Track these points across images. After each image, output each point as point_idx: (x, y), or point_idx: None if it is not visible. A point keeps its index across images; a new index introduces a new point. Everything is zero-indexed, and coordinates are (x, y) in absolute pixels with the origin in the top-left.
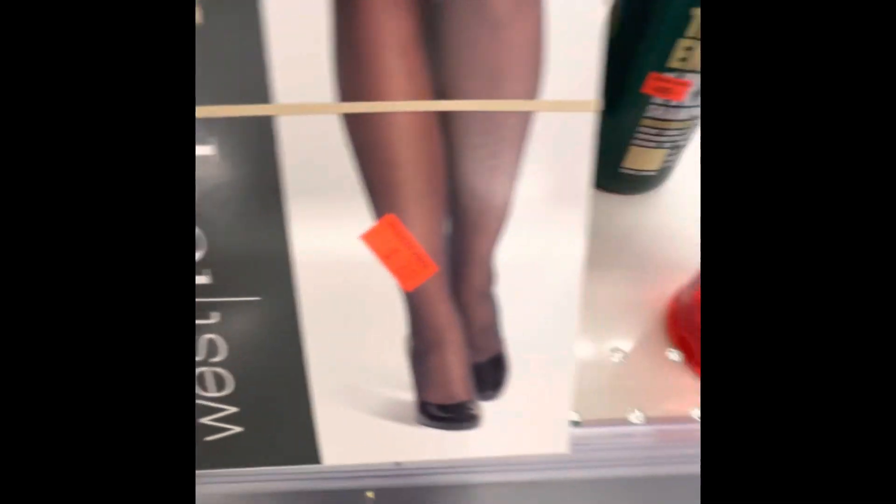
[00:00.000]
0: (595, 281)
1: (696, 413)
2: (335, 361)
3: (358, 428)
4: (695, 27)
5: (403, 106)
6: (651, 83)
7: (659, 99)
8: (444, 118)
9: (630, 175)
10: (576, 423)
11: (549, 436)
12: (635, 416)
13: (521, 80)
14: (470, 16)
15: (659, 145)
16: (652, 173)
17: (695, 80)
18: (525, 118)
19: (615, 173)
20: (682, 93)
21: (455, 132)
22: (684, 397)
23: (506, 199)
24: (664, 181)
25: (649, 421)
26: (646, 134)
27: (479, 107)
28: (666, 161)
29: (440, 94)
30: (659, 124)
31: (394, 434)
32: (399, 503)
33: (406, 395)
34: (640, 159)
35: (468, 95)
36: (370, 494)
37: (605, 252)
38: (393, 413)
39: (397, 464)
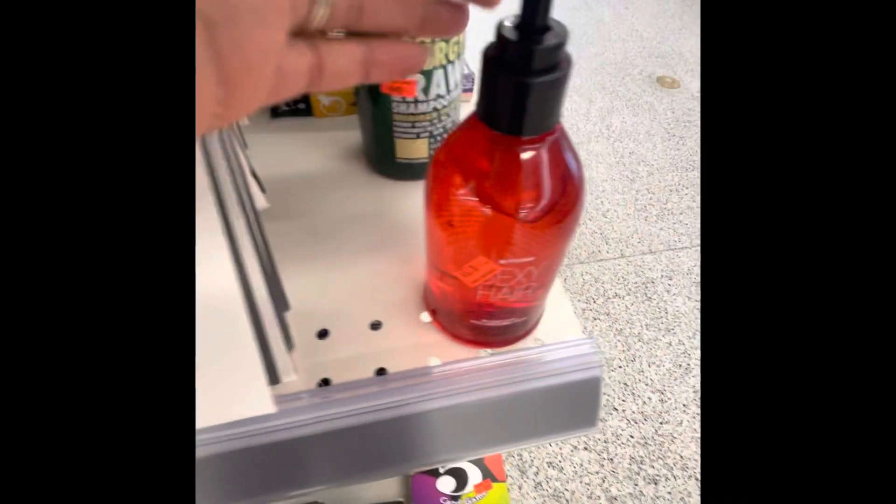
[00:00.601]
0: (373, 260)
1: (432, 360)
2: None
3: None
4: None
5: None
6: (385, 84)
7: (398, 97)
8: None
9: (405, 164)
10: (325, 381)
11: (256, 401)
12: (379, 371)
13: None
14: None
15: (417, 136)
16: (424, 160)
17: (419, 79)
18: None
19: (392, 163)
20: (411, 90)
21: None
22: (428, 349)
23: None
24: None
25: (393, 374)
26: (402, 127)
27: None
28: (432, 149)
29: None
30: (408, 118)
31: None
32: None
33: None
34: (407, 149)
35: None
36: None
37: (382, 234)
38: None
39: None
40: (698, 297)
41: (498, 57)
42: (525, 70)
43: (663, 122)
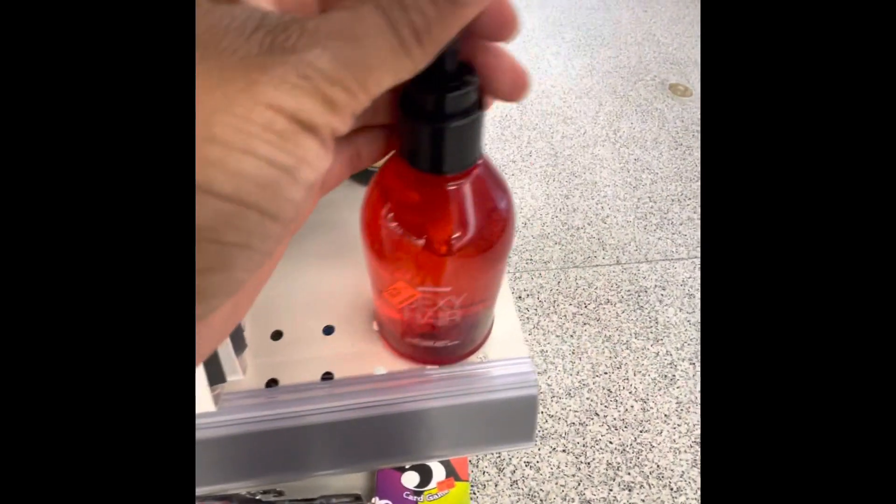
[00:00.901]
0: (336, 265)
1: (378, 370)
2: None
3: None
4: None
5: None
6: None
7: None
8: None
9: None
10: (273, 382)
11: (199, 399)
12: (327, 375)
13: None
14: None
15: None
16: None
17: None
18: None
19: (365, 170)
20: None
21: None
22: (376, 357)
23: None
24: None
25: (338, 380)
26: None
27: None
28: None
29: None
30: None
31: None
32: None
33: None
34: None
35: None
36: None
37: (350, 239)
38: None
39: None
40: (690, 309)
41: (411, 101)
42: (438, 116)
43: (672, 131)
